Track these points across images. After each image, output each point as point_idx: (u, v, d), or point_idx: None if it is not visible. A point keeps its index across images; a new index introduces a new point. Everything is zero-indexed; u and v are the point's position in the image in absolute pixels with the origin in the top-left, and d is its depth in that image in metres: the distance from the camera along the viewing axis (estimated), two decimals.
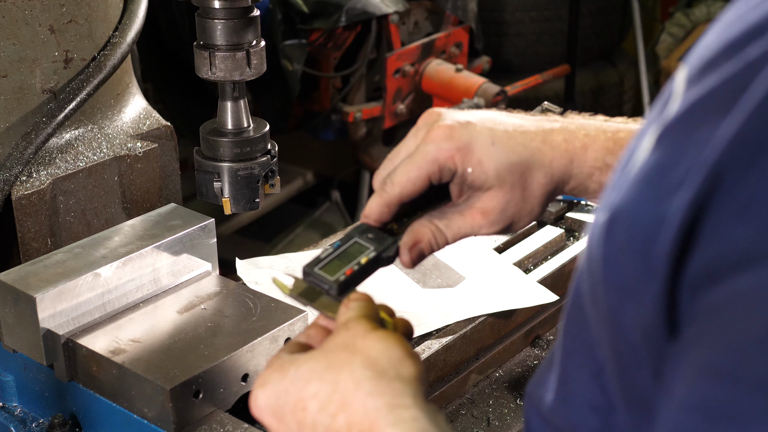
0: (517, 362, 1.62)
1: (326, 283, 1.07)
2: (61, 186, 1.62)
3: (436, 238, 1.09)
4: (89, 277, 1.39)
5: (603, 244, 0.75)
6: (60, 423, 1.39)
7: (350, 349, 0.98)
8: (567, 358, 0.87)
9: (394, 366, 0.96)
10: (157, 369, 1.31)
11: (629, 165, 0.76)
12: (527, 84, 3.97)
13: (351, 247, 1.09)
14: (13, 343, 1.40)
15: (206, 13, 1.50)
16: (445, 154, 1.06)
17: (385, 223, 1.11)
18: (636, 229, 0.71)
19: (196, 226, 1.51)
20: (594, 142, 1.08)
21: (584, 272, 0.81)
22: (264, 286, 1.63)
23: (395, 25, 3.59)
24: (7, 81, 1.59)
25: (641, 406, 0.76)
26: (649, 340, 0.71)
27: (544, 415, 0.91)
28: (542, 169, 1.07)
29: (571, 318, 0.86)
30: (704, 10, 5.18)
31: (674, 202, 0.67)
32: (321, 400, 0.94)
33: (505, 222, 1.09)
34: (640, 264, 0.70)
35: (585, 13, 4.35)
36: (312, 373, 0.96)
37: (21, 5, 1.57)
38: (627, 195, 0.73)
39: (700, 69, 0.72)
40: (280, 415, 0.97)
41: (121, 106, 1.78)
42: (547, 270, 1.71)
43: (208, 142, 1.57)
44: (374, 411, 0.92)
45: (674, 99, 0.73)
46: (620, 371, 0.77)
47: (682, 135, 0.70)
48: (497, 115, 1.11)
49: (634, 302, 0.71)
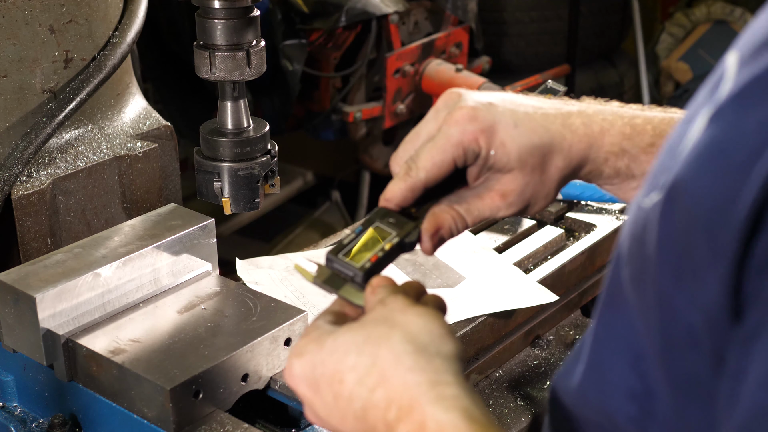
0: (517, 362, 1.62)
1: (351, 270, 1.05)
2: (61, 186, 1.62)
3: (456, 223, 1.08)
4: (89, 277, 1.39)
5: (659, 224, 0.73)
6: (60, 423, 1.39)
7: (389, 322, 0.97)
8: (601, 346, 0.86)
9: (434, 342, 0.95)
10: (157, 369, 1.31)
11: (680, 147, 0.75)
12: (527, 84, 3.97)
13: (374, 233, 1.08)
14: (13, 343, 1.40)
15: (206, 13, 1.50)
16: (469, 137, 1.04)
17: (406, 207, 1.09)
18: (700, 209, 0.69)
19: (196, 226, 1.51)
20: (611, 127, 1.08)
21: (623, 258, 0.80)
22: (264, 286, 1.63)
23: (395, 25, 3.59)
24: (7, 81, 1.59)
25: (691, 392, 0.75)
26: (711, 323, 0.70)
27: (571, 404, 0.91)
28: (561, 152, 1.07)
29: (607, 305, 0.85)
30: (704, 10, 5.18)
31: (747, 181, 0.66)
32: (359, 373, 0.94)
33: (522, 204, 1.08)
34: (705, 243, 0.69)
35: (585, 13, 4.35)
36: (350, 345, 0.96)
37: (21, 5, 1.57)
38: (684, 174, 0.72)
39: (753, 51, 0.72)
40: (315, 386, 0.97)
41: (121, 106, 1.78)
42: (547, 270, 1.70)
43: (208, 142, 1.57)
44: (415, 387, 0.91)
45: (726, 81, 0.72)
46: (669, 356, 0.75)
47: (740, 113, 0.69)
48: (516, 96, 1.10)
49: (696, 283, 0.70)
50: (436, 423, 0.88)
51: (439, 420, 0.88)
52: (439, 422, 0.88)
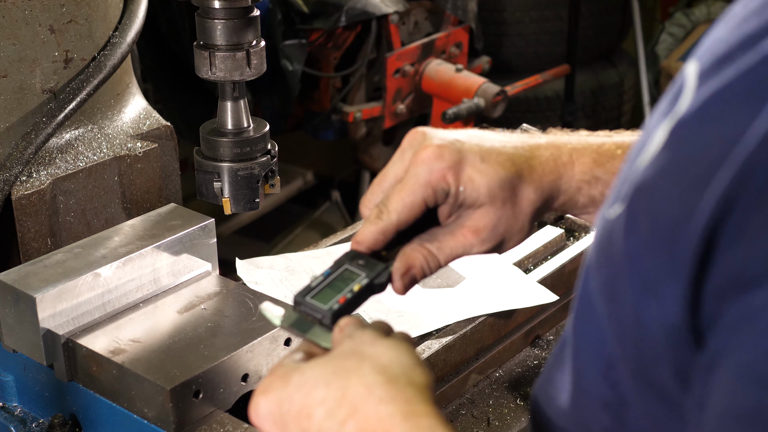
0: (517, 362, 1.62)
1: (319, 312, 1.03)
2: (61, 186, 1.62)
3: (428, 262, 1.07)
4: (89, 277, 1.39)
5: (624, 235, 0.73)
6: (60, 423, 1.39)
7: (359, 355, 0.95)
8: (576, 357, 0.86)
9: (405, 372, 0.93)
10: (157, 369, 1.31)
11: (640, 158, 0.74)
12: (527, 84, 3.97)
13: (342, 275, 1.06)
14: (13, 343, 1.40)
15: (206, 13, 1.50)
16: (437, 175, 1.03)
17: (377, 250, 1.08)
18: (660, 225, 0.69)
19: (196, 226, 1.51)
20: (581, 156, 1.07)
21: (593, 268, 0.80)
22: (264, 286, 1.63)
23: (395, 25, 3.59)
24: (7, 81, 1.59)
25: (662, 402, 0.74)
26: (671, 341, 0.70)
27: (556, 417, 0.90)
28: (532, 184, 1.06)
29: (579, 315, 0.84)
30: (704, 10, 5.18)
31: (701, 200, 0.66)
32: (328, 407, 0.91)
33: (496, 239, 1.07)
34: (664, 261, 0.69)
35: (585, 13, 4.35)
36: (318, 379, 0.93)
37: (21, 5, 1.57)
38: (644, 185, 0.72)
39: (714, 63, 0.71)
40: (282, 423, 0.94)
41: (121, 106, 1.78)
42: (547, 270, 1.70)
43: (208, 142, 1.57)
44: (388, 418, 0.88)
45: (686, 93, 0.72)
46: (640, 368, 0.75)
47: (700, 129, 0.69)
48: (483, 132, 1.09)
49: (657, 300, 0.70)
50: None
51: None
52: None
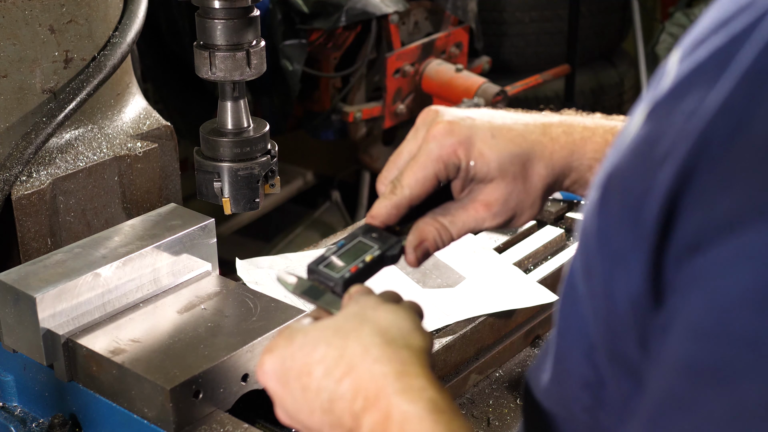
0: (517, 362, 1.62)
1: (331, 279, 1.07)
2: (61, 186, 1.62)
3: (441, 236, 1.10)
4: (89, 277, 1.39)
5: (597, 215, 0.76)
6: (60, 423, 1.39)
7: (360, 317, 0.98)
8: (561, 338, 0.87)
9: (403, 336, 0.96)
10: (157, 369, 1.31)
11: (620, 140, 0.77)
12: (527, 84, 3.97)
13: (355, 246, 1.10)
14: (13, 343, 1.40)
15: (206, 13, 1.50)
16: (448, 150, 1.06)
17: (390, 225, 1.11)
18: (627, 200, 0.72)
19: (196, 226, 1.51)
20: (593, 135, 1.09)
21: (578, 249, 0.82)
22: (264, 286, 1.63)
23: (395, 25, 3.59)
24: (7, 81, 1.59)
25: (630, 377, 0.76)
26: (636, 309, 0.72)
27: (540, 396, 0.92)
28: (543, 160, 1.08)
29: (565, 297, 0.86)
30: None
31: (661, 173, 0.68)
32: (327, 365, 0.95)
33: (507, 214, 1.09)
34: (630, 234, 0.71)
35: (585, 13, 4.35)
36: (320, 339, 0.97)
37: (21, 5, 1.57)
38: (618, 167, 0.74)
39: (691, 47, 0.73)
40: (284, 381, 0.98)
41: (121, 106, 1.78)
42: (547, 270, 1.71)
43: (208, 142, 1.57)
44: (381, 377, 0.92)
45: (666, 77, 0.75)
46: (611, 343, 0.77)
47: (669, 108, 0.71)
48: (495, 111, 1.12)
49: (624, 271, 0.72)
50: (402, 413, 0.89)
51: (405, 410, 0.89)
52: (404, 413, 0.89)
